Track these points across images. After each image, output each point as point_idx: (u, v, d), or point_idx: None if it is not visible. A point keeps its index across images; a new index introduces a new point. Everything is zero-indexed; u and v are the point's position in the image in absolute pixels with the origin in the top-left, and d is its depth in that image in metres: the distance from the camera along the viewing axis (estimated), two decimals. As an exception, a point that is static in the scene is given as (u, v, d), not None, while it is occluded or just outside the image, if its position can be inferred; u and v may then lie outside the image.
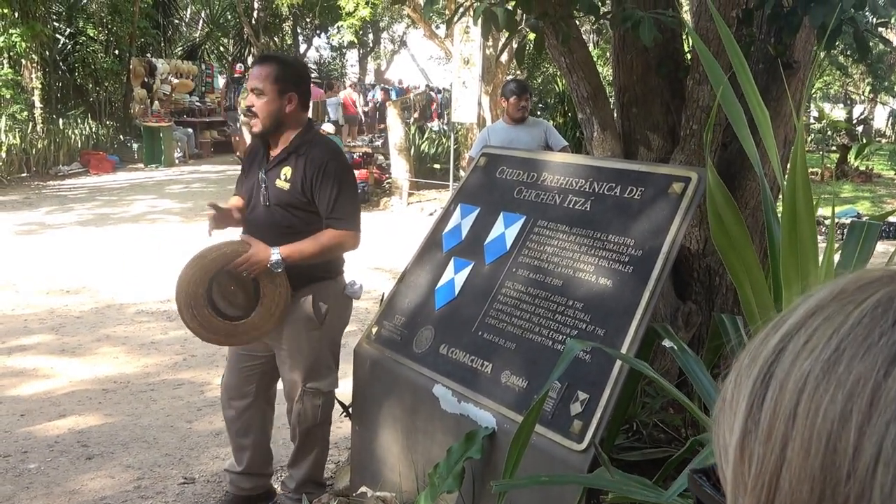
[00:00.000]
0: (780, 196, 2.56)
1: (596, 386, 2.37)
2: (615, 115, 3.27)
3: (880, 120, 29.65)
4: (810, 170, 2.53)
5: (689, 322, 3.29)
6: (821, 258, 1.87)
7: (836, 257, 2.10)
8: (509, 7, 2.72)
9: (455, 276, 3.00)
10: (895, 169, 16.50)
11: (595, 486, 2.19)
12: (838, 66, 19.22)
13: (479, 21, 2.70)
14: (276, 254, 3.02)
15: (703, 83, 2.85)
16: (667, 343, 2.42)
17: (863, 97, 28.11)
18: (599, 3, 2.85)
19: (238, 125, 16.90)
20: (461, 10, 3.08)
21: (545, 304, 2.66)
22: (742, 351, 0.52)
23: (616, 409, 2.37)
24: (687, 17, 4.37)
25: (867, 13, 2.87)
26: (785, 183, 2.12)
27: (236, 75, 21.71)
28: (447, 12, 11.46)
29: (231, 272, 3.09)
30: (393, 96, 24.23)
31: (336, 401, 3.52)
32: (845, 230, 1.94)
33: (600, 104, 3.14)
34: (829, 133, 19.31)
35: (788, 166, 1.65)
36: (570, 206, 2.80)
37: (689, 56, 3.20)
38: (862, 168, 16.71)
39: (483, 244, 2.99)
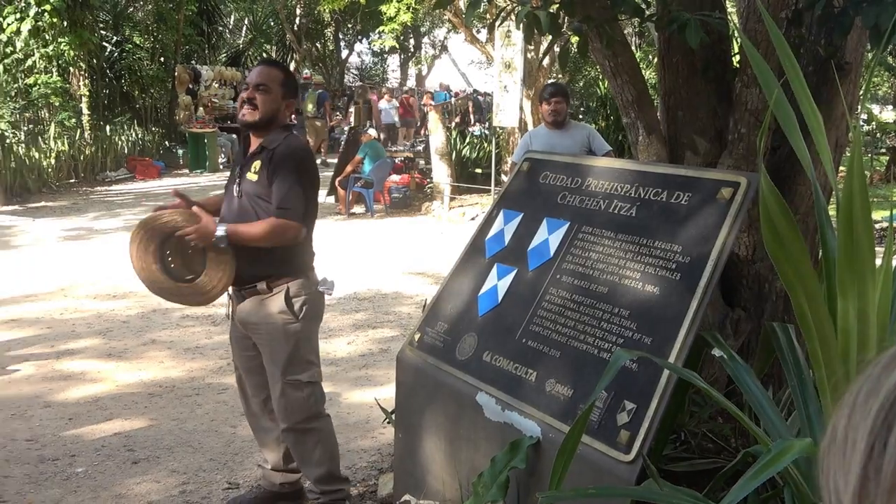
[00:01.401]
0: (832, 201, 2.50)
1: (643, 395, 2.32)
2: (660, 118, 3.21)
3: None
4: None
5: (738, 329, 3.23)
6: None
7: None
8: (552, 11, 2.69)
9: (498, 283, 2.98)
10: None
11: (644, 499, 2.14)
12: (887, 66, 18.81)
13: (522, 25, 2.67)
14: (221, 229, 3.18)
15: (752, 86, 2.79)
16: (716, 352, 2.37)
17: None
18: (644, 6, 2.81)
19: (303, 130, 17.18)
20: (503, 14, 3.05)
21: (590, 311, 2.62)
22: (854, 382, 0.45)
23: (664, 419, 2.32)
24: (734, 18, 4.29)
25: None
26: (839, 188, 2.06)
27: (302, 81, 21.88)
28: (488, 17, 11.42)
29: (182, 241, 3.27)
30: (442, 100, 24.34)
31: (379, 407, 3.52)
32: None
33: (645, 108, 3.09)
34: (879, 135, 18.89)
35: (844, 171, 1.59)
36: (616, 211, 2.75)
37: (736, 58, 3.14)
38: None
39: (526, 250, 2.96)
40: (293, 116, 3.48)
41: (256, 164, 3.27)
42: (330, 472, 3.47)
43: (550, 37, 2.93)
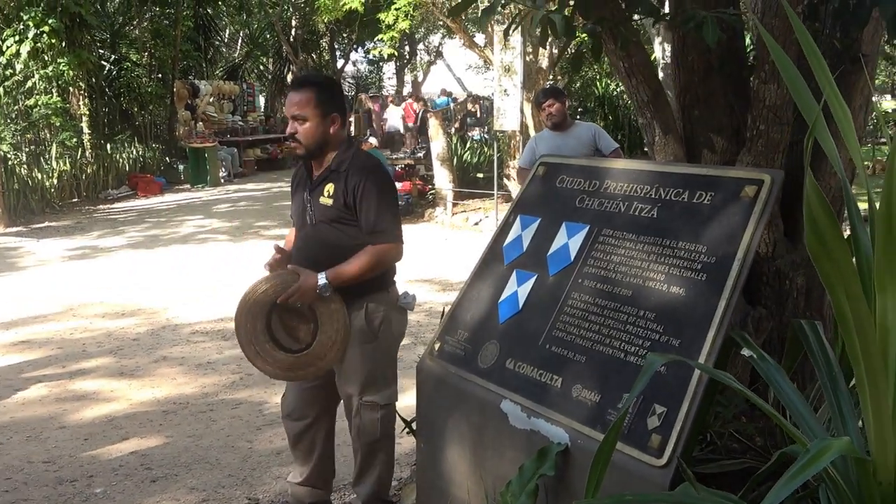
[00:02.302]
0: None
1: (673, 398, 2.29)
2: (676, 117, 3.19)
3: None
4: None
5: (760, 328, 3.20)
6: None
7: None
8: (566, 14, 2.67)
9: (518, 289, 2.95)
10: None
11: (681, 504, 2.11)
12: (885, 56, 18.80)
13: (538, 29, 2.64)
14: (322, 278, 3.03)
15: (770, 82, 2.76)
16: (745, 352, 2.34)
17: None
18: (659, 5, 2.79)
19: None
20: (517, 18, 3.02)
21: (615, 315, 2.59)
22: None
23: (695, 421, 2.29)
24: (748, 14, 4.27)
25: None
26: (866, 181, 2.04)
27: None
28: (493, 22, 11.42)
29: (286, 305, 3.10)
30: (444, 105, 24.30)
31: (399, 416, 3.48)
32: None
33: (661, 107, 3.06)
34: (880, 125, 18.86)
35: (887, 166, 1.56)
36: (637, 213, 2.72)
37: (752, 55, 3.11)
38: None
39: (546, 255, 2.93)
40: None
41: (329, 187, 3.13)
42: (378, 495, 3.41)
43: (554, 40, 2.91)
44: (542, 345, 2.73)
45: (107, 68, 19.03)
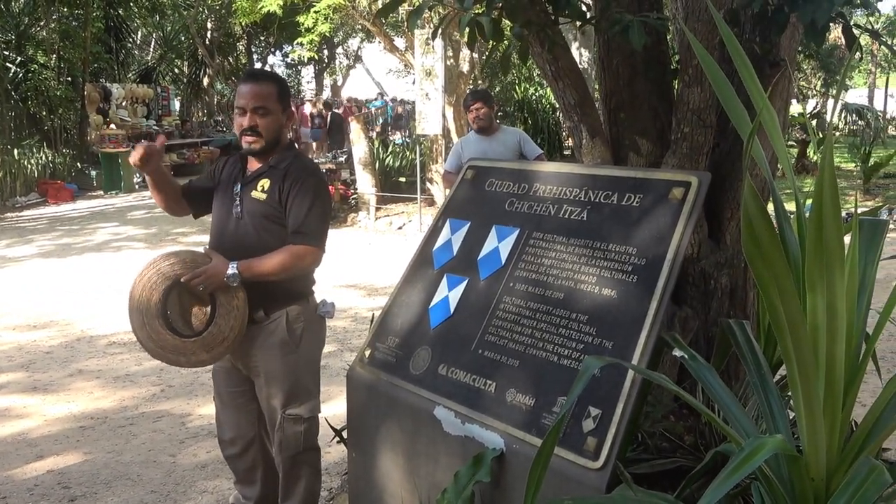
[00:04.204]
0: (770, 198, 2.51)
1: (608, 400, 2.30)
2: (603, 121, 3.21)
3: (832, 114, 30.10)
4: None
5: (686, 328, 3.24)
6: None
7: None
8: (494, 16, 2.66)
9: (449, 294, 2.92)
10: (854, 161, 16.72)
11: (619, 507, 2.11)
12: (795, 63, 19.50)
13: (466, 31, 2.63)
14: (232, 267, 2.91)
15: (693, 85, 2.81)
16: (677, 352, 2.36)
17: (814, 91, 28.54)
18: (585, 9, 2.81)
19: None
20: (445, 20, 3.00)
21: (547, 318, 2.59)
22: None
23: (629, 423, 2.30)
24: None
25: (855, 7, 2.86)
26: (798, 184, 2.08)
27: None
28: (412, 24, 11.39)
29: (187, 286, 2.94)
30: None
31: (328, 425, 3.42)
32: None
33: (588, 111, 3.08)
34: (788, 129, 19.57)
35: (819, 167, 1.59)
36: (566, 216, 2.73)
37: (675, 58, 3.16)
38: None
39: (476, 259, 2.92)
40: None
41: (264, 182, 3.03)
42: None
43: (478, 44, 2.89)
44: (474, 350, 2.71)
45: (12, 70, 18.32)
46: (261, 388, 3.18)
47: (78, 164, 18.72)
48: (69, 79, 19.98)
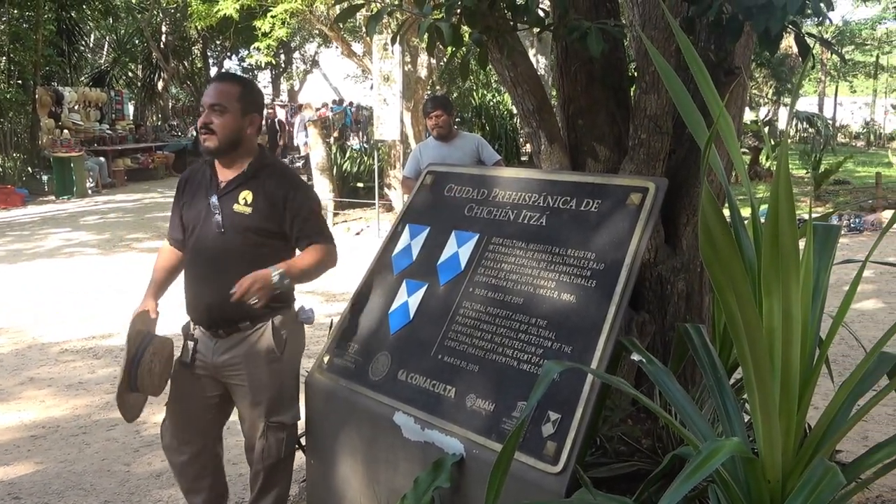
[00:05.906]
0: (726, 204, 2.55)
1: (567, 405, 2.31)
2: (561, 127, 3.23)
3: (783, 121, 30.67)
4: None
5: (643, 332, 3.27)
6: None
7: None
8: (453, 23, 2.66)
9: (409, 299, 2.92)
10: (805, 168, 17.07)
11: (579, 511, 2.12)
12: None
13: (425, 37, 2.63)
14: (275, 272, 2.86)
15: (650, 92, 2.84)
16: (635, 357, 2.38)
17: (766, 99, 29.05)
18: (543, 16, 2.82)
19: None
20: (404, 26, 3.00)
21: (507, 323, 2.59)
22: None
23: (588, 427, 2.31)
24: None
25: (807, 16, 2.91)
26: (752, 191, 2.11)
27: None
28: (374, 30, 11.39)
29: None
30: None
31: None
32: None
33: (546, 117, 3.10)
34: (742, 136, 19.91)
35: (774, 174, 1.62)
36: (525, 221, 2.74)
37: (633, 66, 3.20)
38: (773, 169, 17.20)
39: (436, 264, 2.92)
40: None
41: (247, 195, 2.95)
42: None
43: (428, 49, 2.89)
44: (434, 355, 2.71)
45: (-40, 73, 17.95)
46: (243, 397, 3.10)
47: (29, 168, 18.35)
48: (20, 82, 19.60)
